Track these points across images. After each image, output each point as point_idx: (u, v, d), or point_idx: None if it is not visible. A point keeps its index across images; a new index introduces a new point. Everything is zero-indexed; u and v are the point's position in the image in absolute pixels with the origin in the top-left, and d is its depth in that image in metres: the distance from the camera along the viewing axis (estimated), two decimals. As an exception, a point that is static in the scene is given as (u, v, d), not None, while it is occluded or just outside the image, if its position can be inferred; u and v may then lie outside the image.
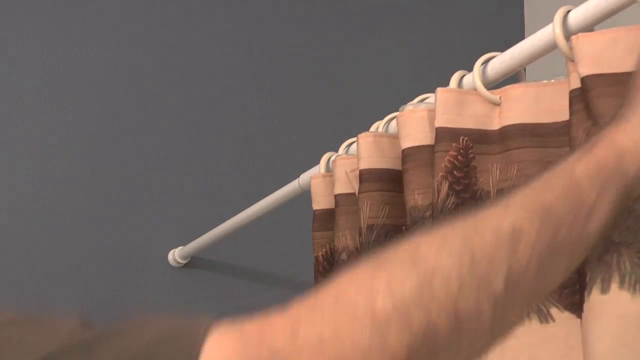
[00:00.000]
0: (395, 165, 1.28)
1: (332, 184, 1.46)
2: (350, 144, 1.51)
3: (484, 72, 1.21)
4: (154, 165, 2.02)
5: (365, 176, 1.30)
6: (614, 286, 0.91)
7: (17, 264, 1.88)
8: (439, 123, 1.18)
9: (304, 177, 1.58)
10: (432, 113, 1.21)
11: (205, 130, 2.06)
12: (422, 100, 1.31)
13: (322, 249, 1.47)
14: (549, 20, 1.10)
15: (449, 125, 1.18)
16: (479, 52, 1.22)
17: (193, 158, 2.04)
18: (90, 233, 1.94)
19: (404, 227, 1.25)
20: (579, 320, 1.02)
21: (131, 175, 1.99)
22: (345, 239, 1.37)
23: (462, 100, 1.19)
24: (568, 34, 1.08)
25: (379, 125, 1.41)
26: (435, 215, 1.15)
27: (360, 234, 1.28)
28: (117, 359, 0.65)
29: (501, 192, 1.14)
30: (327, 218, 1.47)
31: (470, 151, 1.16)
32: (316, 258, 1.48)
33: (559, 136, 1.14)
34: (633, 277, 0.92)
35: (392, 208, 1.27)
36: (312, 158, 2.14)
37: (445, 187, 1.15)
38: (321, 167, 1.56)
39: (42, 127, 1.96)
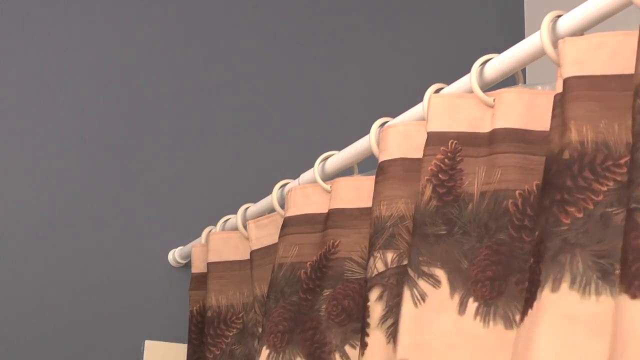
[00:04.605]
0: (316, 209, 1.47)
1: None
2: (227, 219, 1.82)
3: (480, 74, 1.21)
4: (154, 165, 2.01)
5: (286, 222, 1.48)
6: (564, 285, 0.91)
7: (16, 264, 1.88)
8: (430, 128, 1.20)
9: (304, 177, 1.58)
10: (407, 127, 1.27)
11: (206, 130, 2.06)
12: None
13: (196, 304, 1.79)
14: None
15: (440, 130, 1.19)
16: (479, 52, 1.21)
17: (193, 158, 2.03)
18: (90, 233, 1.93)
19: (308, 263, 1.43)
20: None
21: (131, 175, 1.99)
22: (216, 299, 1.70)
23: (455, 104, 1.20)
24: (558, 39, 1.08)
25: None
26: (417, 217, 1.16)
27: (272, 270, 1.47)
28: None
29: (484, 195, 1.14)
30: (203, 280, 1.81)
31: (458, 154, 1.17)
32: (191, 312, 1.79)
33: (545, 144, 1.13)
34: (584, 278, 0.91)
35: (300, 248, 1.45)
36: (311, 158, 2.14)
37: (428, 190, 1.16)
38: (202, 239, 1.85)
39: (42, 127, 1.96)
